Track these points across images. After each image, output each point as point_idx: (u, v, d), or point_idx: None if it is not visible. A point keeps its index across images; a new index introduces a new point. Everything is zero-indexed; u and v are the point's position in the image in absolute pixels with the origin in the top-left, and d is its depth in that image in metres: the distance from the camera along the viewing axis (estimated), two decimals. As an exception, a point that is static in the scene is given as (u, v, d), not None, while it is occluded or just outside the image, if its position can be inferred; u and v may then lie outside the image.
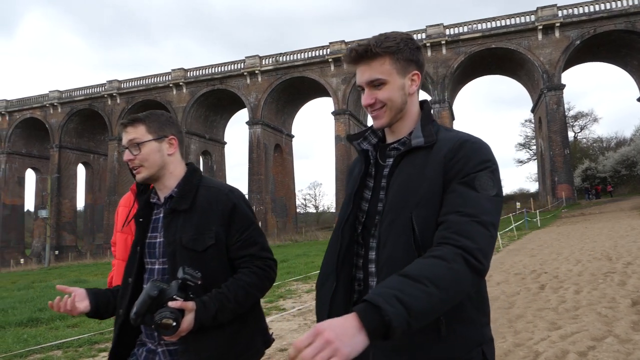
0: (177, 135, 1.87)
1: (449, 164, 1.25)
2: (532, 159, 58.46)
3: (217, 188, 1.82)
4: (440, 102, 39.16)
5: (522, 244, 15.80)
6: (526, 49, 37.64)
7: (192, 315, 1.56)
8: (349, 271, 1.35)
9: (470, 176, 1.22)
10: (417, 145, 1.32)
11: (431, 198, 1.24)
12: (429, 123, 1.37)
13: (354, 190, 1.40)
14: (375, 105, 1.34)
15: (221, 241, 1.73)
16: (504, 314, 6.14)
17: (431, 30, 39.71)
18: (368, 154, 1.43)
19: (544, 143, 40.04)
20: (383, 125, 1.37)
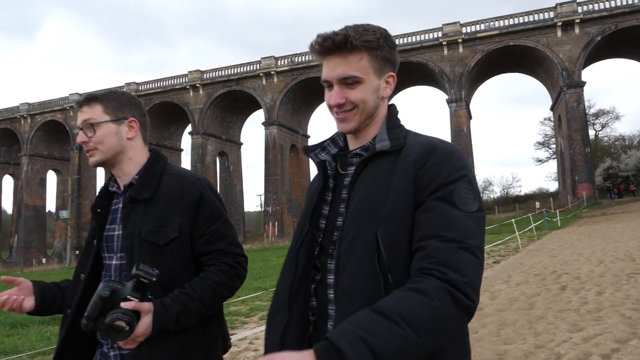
0: (139, 118, 1.71)
1: (420, 172, 1.10)
2: (551, 157, 57.56)
3: (183, 176, 1.67)
4: (457, 101, 38.78)
5: (542, 244, 15.55)
6: (545, 46, 37.05)
7: (150, 318, 1.41)
8: (304, 302, 1.18)
9: (447, 189, 1.06)
10: (382, 150, 1.16)
11: (400, 211, 1.08)
12: (395, 126, 1.22)
13: (310, 207, 1.23)
14: (344, 106, 1.17)
15: (185, 234, 1.58)
16: (524, 315, 6.05)
17: (447, 28, 39.36)
18: (326, 165, 1.26)
19: (563, 142, 39.35)
20: (349, 131, 1.20)
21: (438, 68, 39.50)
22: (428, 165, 1.10)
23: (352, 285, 1.07)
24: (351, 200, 1.15)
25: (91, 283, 1.56)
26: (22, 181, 53.11)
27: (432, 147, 1.13)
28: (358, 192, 1.14)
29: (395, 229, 1.07)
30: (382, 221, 1.07)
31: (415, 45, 40.08)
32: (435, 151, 1.12)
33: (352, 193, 1.16)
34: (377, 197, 1.11)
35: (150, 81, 50.18)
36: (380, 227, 1.07)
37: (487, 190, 66.82)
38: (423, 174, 1.09)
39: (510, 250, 14.97)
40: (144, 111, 1.75)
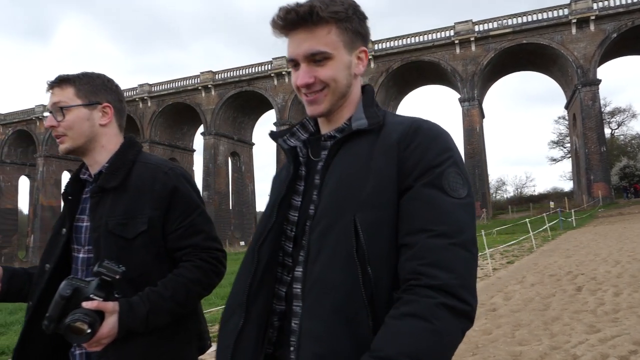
0: (114, 103, 1.60)
1: (404, 154, 1.00)
2: (566, 157, 56.81)
3: (155, 165, 1.56)
4: (470, 100, 38.48)
5: (557, 245, 15.37)
6: (559, 43, 36.57)
7: (115, 319, 1.32)
8: (264, 303, 1.06)
9: (434, 173, 0.97)
10: (359, 129, 1.06)
11: (382, 197, 0.98)
12: (372, 105, 1.13)
13: (278, 198, 1.11)
14: (314, 86, 1.07)
15: (155, 228, 1.47)
16: (539, 315, 5.98)
17: (459, 27, 39.07)
18: (296, 151, 1.15)
19: (578, 140, 38.82)
20: (321, 113, 1.09)
21: (450, 67, 39.22)
22: (413, 145, 1.00)
23: (324, 278, 0.96)
24: (325, 185, 1.03)
25: (58, 275, 1.45)
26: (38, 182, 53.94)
27: (416, 126, 1.04)
28: (333, 176, 1.03)
29: (377, 216, 0.96)
30: (361, 207, 0.97)
31: (427, 44, 39.85)
32: (421, 131, 1.03)
33: (326, 178, 1.04)
34: (354, 181, 1.00)
35: (163, 82, 50.63)
36: (358, 213, 0.96)
37: (501, 190, 66.28)
38: (408, 155, 1.00)
39: (524, 250, 14.81)
40: (120, 96, 1.64)
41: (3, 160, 56.38)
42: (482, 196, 37.98)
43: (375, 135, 1.05)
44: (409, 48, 40.35)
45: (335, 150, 1.06)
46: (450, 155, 1.01)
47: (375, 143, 1.04)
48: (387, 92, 42.84)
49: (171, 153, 51.96)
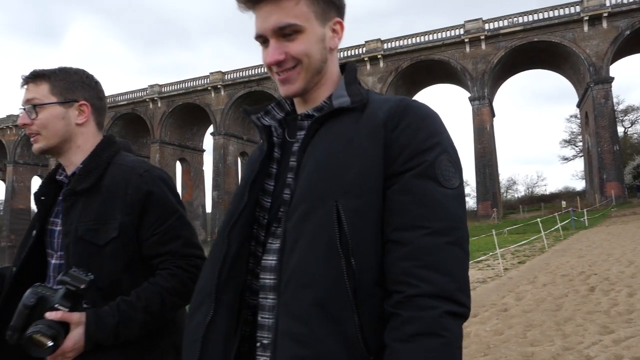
0: (93, 101, 1.50)
1: (392, 135, 0.93)
2: (578, 155, 56.22)
3: (131, 167, 1.45)
4: (480, 99, 38.21)
5: (569, 244, 15.22)
6: (571, 41, 36.18)
7: (81, 331, 1.23)
8: (235, 294, 0.97)
9: (425, 160, 0.90)
10: (341, 107, 0.97)
11: (367, 183, 0.90)
12: (355, 82, 1.04)
13: (250, 177, 1.02)
14: (285, 63, 0.98)
15: (128, 234, 1.38)
16: (551, 316, 5.93)
17: (469, 25, 38.82)
18: (271, 131, 1.07)
19: (591, 139, 38.38)
20: (295, 93, 1.01)
21: (460, 65, 38.98)
22: (402, 126, 0.93)
23: (303, 269, 0.88)
24: (302, 168, 0.95)
25: (28, 280, 1.36)
26: (51, 182, 54.56)
27: (404, 105, 0.96)
28: (311, 158, 0.94)
29: (361, 204, 0.89)
30: (345, 193, 0.89)
31: (437, 42, 39.64)
32: (409, 110, 0.95)
33: (304, 160, 0.95)
34: (337, 164, 0.92)
35: (172, 83, 50.97)
36: (342, 199, 0.89)
37: (511, 189, 65.76)
38: (396, 136, 0.93)
39: (536, 250, 14.68)
40: (100, 93, 1.54)
41: (16, 161, 57.17)
42: (492, 196, 37.71)
43: (358, 115, 0.97)
44: (418, 47, 40.17)
45: (314, 130, 0.97)
46: (441, 139, 0.94)
47: (358, 123, 0.95)
48: (396, 92, 42.66)
49: (181, 153, 52.30)
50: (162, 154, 49.53)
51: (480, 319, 6.17)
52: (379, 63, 41.17)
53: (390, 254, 0.88)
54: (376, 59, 41.18)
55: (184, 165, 53.32)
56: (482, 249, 15.67)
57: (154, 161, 50.08)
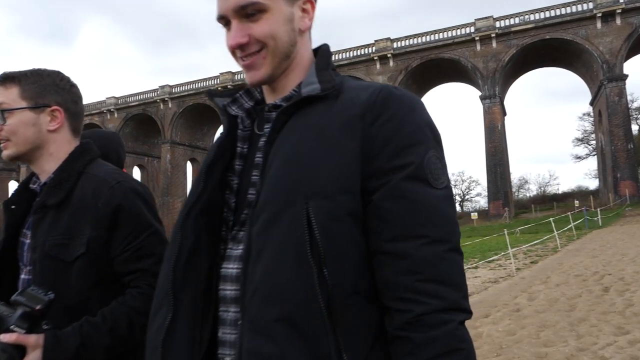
0: (66, 106, 1.41)
1: (372, 129, 0.83)
2: (591, 154, 55.48)
3: (102, 178, 1.36)
4: (491, 98, 37.93)
5: (582, 244, 15.04)
6: (584, 38, 35.75)
7: (38, 355, 1.15)
8: (197, 291, 0.87)
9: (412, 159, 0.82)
10: (310, 95, 0.87)
11: (341, 180, 0.81)
12: (328, 67, 0.94)
13: (203, 167, 0.94)
14: (249, 46, 0.88)
15: (97, 251, 1.29)
16: (565, 316, 5.86)
17: (480, 23, 38.54)
18: (236, 122, 0.97)
19: (604, 137, 37.90)
20: (261, 79, 0.91)
21: (471, 64, 38.73)
22: (383, 119, 0.83)
23: (271, 282, 0.78)
24: (268, 165, 0.85)
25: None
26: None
27: (386, 93, 0.86)
28: (279, 154, 0.84)
29: (335, 206, 0.79)
30: (316, 194, 0.79)
31: (447, 41, 39.42)
32: (391, 100, 0.85)
33: (270, 156, 0.85)
34: (307, 160, 0.82)
35: (183, 83, 51.32)
36: (312, 201, 0.79)
37: (523, 188, 65.20)
38: (376, 130, 0.83)
39: (549, 250, 14.53)
40: (75, 97, 1.45)
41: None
42: (504, 195, 37.41)
43: (331, 104, 0.87)
44: (428, 46, 39.98)
45: (282, 122, 0.87)
46: (428, 132, 0.85)
47: (331, 113, 0.86)
48: (406, 91, 42.48)
49: (191, 153, 52.67)
50: (172, 154, 49.92)
51: (493, 319, 6.12)
52: (388, 62, 41.05)
53: (386, 268, 0.80)
54: (386, 58, 41.06)
55: (195, 165, 53.68)
56: (493, 249, 15.54)
57: (164, 161, 50.53)
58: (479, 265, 12.08)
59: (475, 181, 67.10)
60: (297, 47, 0.92)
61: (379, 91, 0.86)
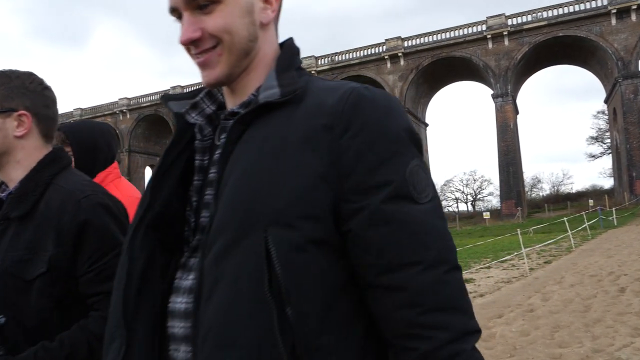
0: (36, 110, 1.32)
1: (341, 142, 0.71)
2: (605, 153, 54.72)
3: (70, 190, 1.27)
4: (503, 96, 37.59)
5: (597, 244, 14.85)
6: (598, 35, 35.26)
7: None
8: (153, 319, 0.77)
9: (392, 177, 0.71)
10: (268, 102, 0.75)
11: (307, 204, 0.69)
12: (291, 68, 0.82)
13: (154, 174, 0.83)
14: (202, 42, 0.78)
15: (60, 269, 1.20)
16: (580, 317, 5.79)
17: (492, 21, 38.22)
18: (195, 131, 0.84)
19: (619, 136, 37.34)
20: (218, 80, 0.80)
21: (482, 62, 38.42)
22: (354, 129, 0.71)
23: (224, 324, 0.68)
24: (223, 183, 0.74)
25: None
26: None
27: (356, 96, 0.74)
28: (234, 171, 0.73)
29: (298, 235, 0.68)
30: (275, 221, 0.68)
31: (459, 39, 39.15)
32: (362, 105, 0.73)
33: (225, 172, 0.75)
34: (264, 180, 0.71)
35: (194, 84, 51.61)
36: (272, 229, 0.68)
37: (536, 187, 64.54)
38: (347, 144, 0.71)
39: (563, 250, 14.36)
40: (47, 101, 1.35)
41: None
42: (516, 194, 37.07)
43: (294, 110, 0.75)
44: (439, 44, 39.76)
45: (238, 132, 0.76)
46: (408, 140, 0.74)
47: (294, 122, 0.74)
48: (417, 90, 42.34)
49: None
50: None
51: (506, 320, 6.06)
52: (399, 61, 40.89)
53: (382, 302, 0.70)
54: (397, 57, 40.90)
55: (206, 166, 53.99)
56: (506, 249, 15.40)
57: (176, 161, 50.82)
58: (491, 265, 11.98)
59: (487, 180, 66.54)
60: (258, 43, 0.81)
61: (348, 95, 0.74)
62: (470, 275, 10.57)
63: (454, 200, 67.59)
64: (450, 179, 79.98)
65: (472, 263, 12.98)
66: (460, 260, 7.01)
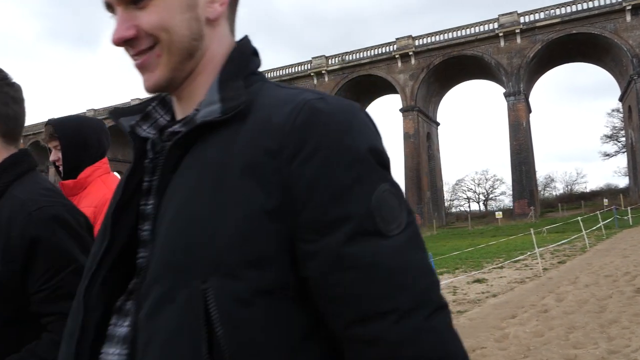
0: None
1: (291, 169, 0.59)
2: (620, 151, 53.90)
3: (22, 201, 1.16)
4: (515, 95, 37.23)
5: (612, 244, 14.65)
6: (612, 32, 34.74)
7: None
8: None
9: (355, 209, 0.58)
10: (206, 122, 0.64)
11: (249, 248, 0.58)
12: (238, 76, 0.69)
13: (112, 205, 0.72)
14: (138, 42, 0.67)
15: (9, 287, 1.11)
16: (595, 318, 5.72)
17: (504, 19, 37.86)
18: (146, 147, 0.73)
19: (634, 134, 36.76)
20: (158, 84, 0.69)
21: (494, 61, 38.09)
22: (307, 151, 0.59)
23: None
24: (160, 218, 0.64)
25: None
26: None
27: (308, 112, 0.61)
28: (171, 205, 0.64)
29: (242, 286, 0.57)
30: (215, 269, 0.57)
31: (470, 38, 38.87)
32: (317, 120, 0.60)
33: (162, 205, 0.65)
34: (202, 219, 0.60)
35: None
36: (212, 280, 0.57)
37: (549, 187, 63.84)
38: (298, 172, 0.59)
39: (577, 250, 14.19)
40: (6, 98, 1.24)
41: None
42: (529, 194, 36.70)
43: (238, 130, 0.63)
44: (450, 43, 39.50)
45: (174, 159, 0.66)
46: (373, 161, 0.61)
47: (237, 144, 0.62)
48: (428, 89, 42.12)
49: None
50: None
51: (520, 320, 6.01)
52: (410, 60, 40.71)
53: (355, 355, 0.59)
54: (407, 56, 40.72)
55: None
56: (519, 248, 15.27)
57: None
58: (504, 265, 11.88)
59: (499, 180, 66.08)
60: (204, 42, 0.69)
61: (299, 109, 0.61)
62: (483, 276, 10.50)
63: (465, 199, 67.16)
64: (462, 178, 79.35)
65: (484, 263, 12.89)
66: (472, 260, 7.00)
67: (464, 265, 12.72)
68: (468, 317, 6.54)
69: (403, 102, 41.27)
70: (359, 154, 0.60)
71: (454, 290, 8.98)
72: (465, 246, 17.18)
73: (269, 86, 0.69)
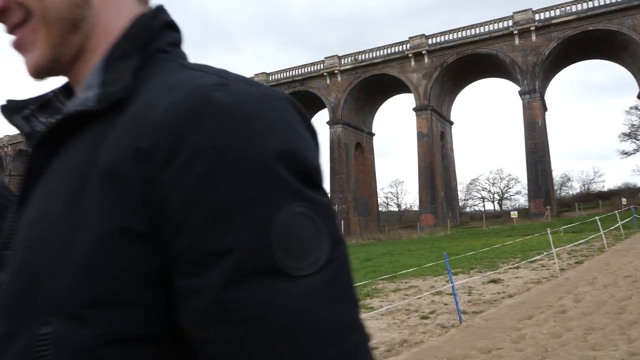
0: None
1: (163, 177, 0.43)
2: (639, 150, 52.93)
3: None
4: (530, 93, 36.77)
5: (631, 244, 14.39)
6: (630, 28, 34.10)
7: None
8: None
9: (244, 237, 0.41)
10: (79, 112, 0.50)
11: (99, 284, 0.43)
12: (131, 53, 0.53)
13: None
14: (7, 14, 0.54)
15: None
16: (614, 319, 5.62)
17: (518, 16, 37.43)
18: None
19: (653, 132, 36.01)
20: (40, 66, 0.55)
21: (509, 58, 37.68)
22: (185, 156, 0.43)
23: None
24: (15, 239, 0.52)
25: None
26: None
27: (197, 102, 0.44)
28: (25, 224, 0.51)
29: (87, 332, 0.42)
30: (57, 309, 0.44)
31: (484, 35, 38.50)
32: (207, 113, 0.44)
33: (19, 223, 0.52)
34: (51, 241, 0.46)
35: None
36: (53, 323, 0.43)
37: (565, 186, 62.92)
38: (171, 182, 0.43)
39: (594, 250, 13.96)
40: None
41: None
42: (545, 193, 36.21)
43: (113, 124, 0.48)
44: (464, 41, 39.17)
45: (40, 160, 0.53)
46: (284, 173, 0.44)
47: (105, 144, 0.47)
48: (441, 88, 41.83)
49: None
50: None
51: (536, 321, 5.94)
52: (423, 59, 40.48)
53: None
54: (420, 55, 40.50)
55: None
56: (535, 248, 15.07)
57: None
58: (520, 265, 11.74)
59: (514, 179, 65.30)
60: (92, 10, 0.55)
61: (185, 98, 0.45)
62: (499, 276, 10.39)
63: (480, 199, 66.53)
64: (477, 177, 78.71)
65: (500, 263, 12.75)
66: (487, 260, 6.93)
67: (479, 266, 12.60)
68: (484, 318, 6.48)
69: (416, 101, 41.04)
70: (261, 159, 0.43)
71: (469, 291, 8.90)
72: (480, 246, 17.01)
73: (171, 67, 0.52)
